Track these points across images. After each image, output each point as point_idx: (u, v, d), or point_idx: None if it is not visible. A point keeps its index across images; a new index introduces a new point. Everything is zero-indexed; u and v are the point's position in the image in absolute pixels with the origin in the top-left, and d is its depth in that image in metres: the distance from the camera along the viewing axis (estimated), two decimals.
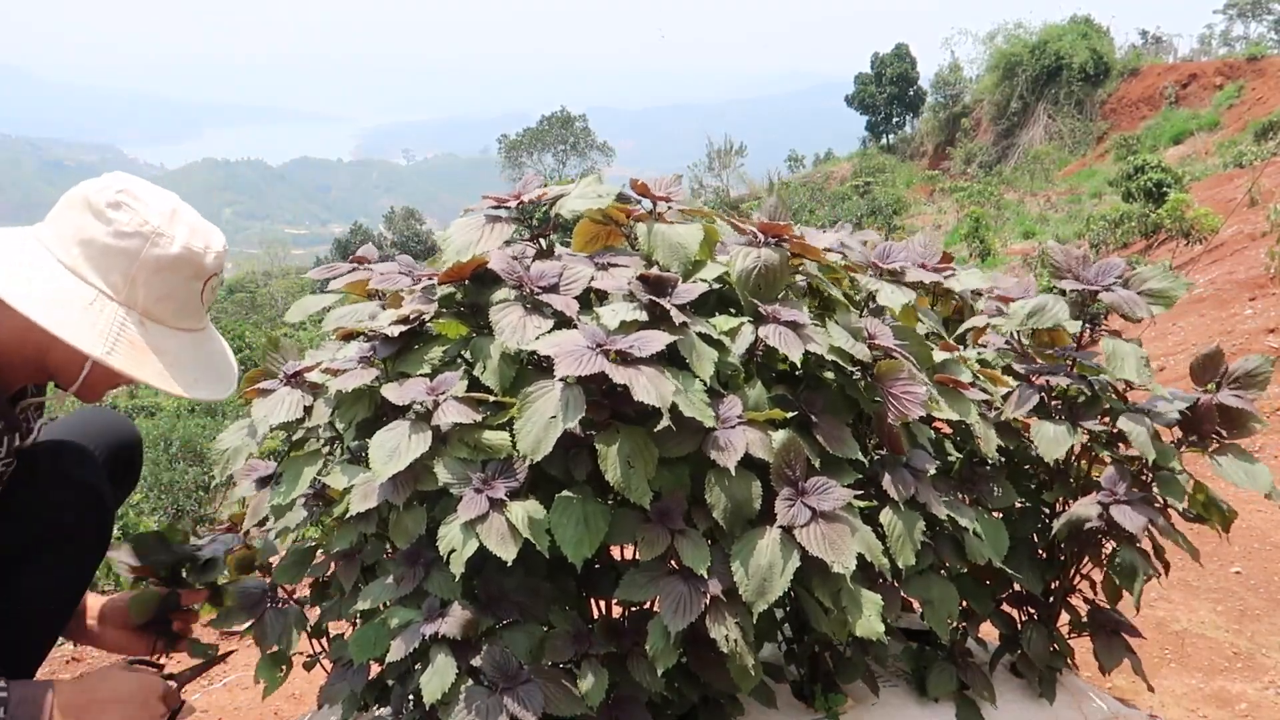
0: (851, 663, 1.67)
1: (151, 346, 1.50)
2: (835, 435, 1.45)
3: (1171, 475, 1.67)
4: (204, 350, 1.60)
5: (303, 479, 1.52)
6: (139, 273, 1.48)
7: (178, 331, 1.55)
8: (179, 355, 1.53)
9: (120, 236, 1.48)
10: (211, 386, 1.58)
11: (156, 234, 1.48)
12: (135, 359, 1.47)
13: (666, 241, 1.47)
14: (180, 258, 1.50)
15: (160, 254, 1.48)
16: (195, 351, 1.57)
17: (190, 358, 1.55)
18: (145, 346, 1.49)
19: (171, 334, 1.54)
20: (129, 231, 1.47)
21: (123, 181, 1.53)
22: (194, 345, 1.58)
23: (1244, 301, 7.27)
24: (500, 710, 1.27)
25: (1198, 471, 1.75)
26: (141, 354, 1.48)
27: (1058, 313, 1.64)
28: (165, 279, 1.50)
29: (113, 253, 1.48)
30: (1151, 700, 2.14)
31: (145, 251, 1.48)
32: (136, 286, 1.49)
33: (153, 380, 1.48)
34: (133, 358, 1.47)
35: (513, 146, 44.84)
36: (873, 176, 29.45)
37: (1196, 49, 34.95)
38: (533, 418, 1.28)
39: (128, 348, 1.47)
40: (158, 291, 1.50)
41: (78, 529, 1.72)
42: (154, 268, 1.49)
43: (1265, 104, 21.63)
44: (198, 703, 2.18)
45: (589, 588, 1.50)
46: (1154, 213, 12.76)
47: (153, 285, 1.49)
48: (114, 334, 1.46)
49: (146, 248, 1.48)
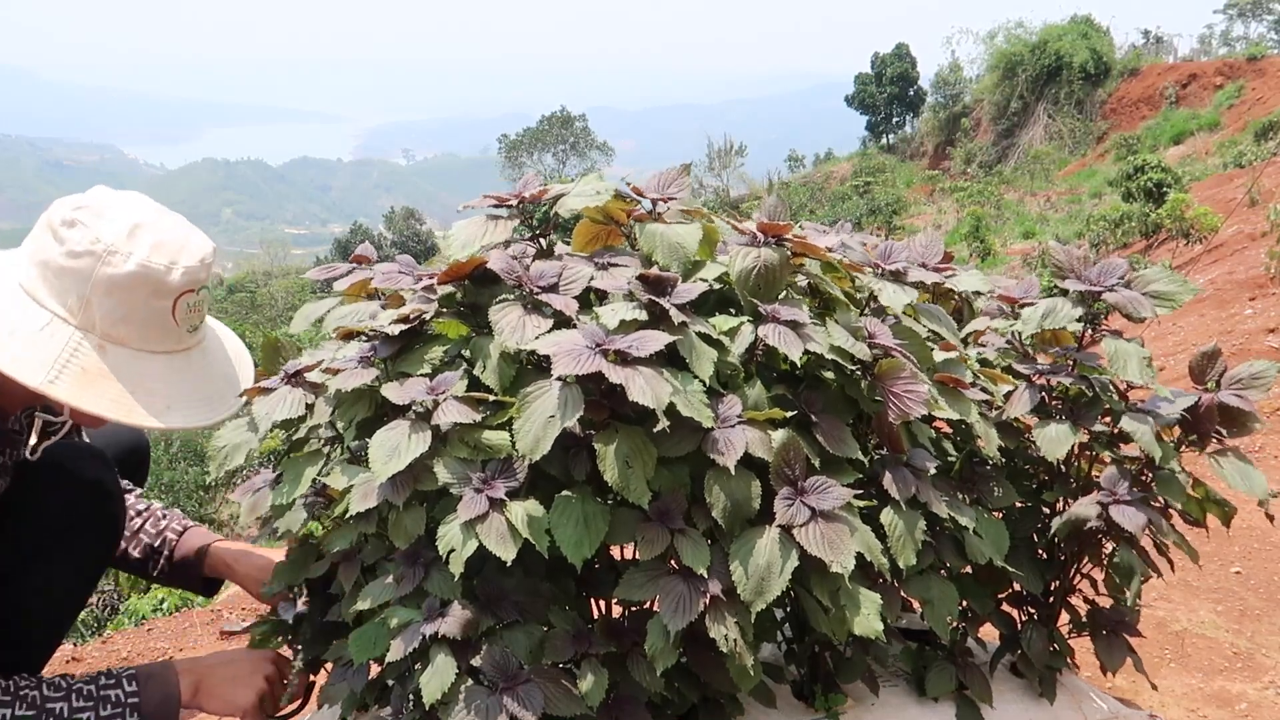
0: (851, 662, 1.67)
1: (113, 372, 1.41)
2: (835, 434, 1.45)
3: (1171, 475, 1.67)
4: (189, 372, 1.52)
5: (303, 479, 1.52)
6: (92, 294, 1.40)
7: (150, 354, 1.46)
8: (150, 381, 1.45)
9: (72, 256, 1.40)
10: (194, 412, 1.49)
11: (109, 252, 1.40)
12: (84, 387, 1.38)
13: (665, 241, 1.47)
14: (136, 275, 1.41)
15: (113, 273, 1.40)
16: (175, 375, 1.49)
17: (165, 383, 1.47)
18: (103, 372, 1.40)
19: (141, 357, 1.45)
20: (80, 250, 1.40)
21: (91, 198, 1.46)
22: (176, 368, 1.49)
23: (1244, 301, 7.27)
24: (500, 710, 1.27)
25: (1195, 471, 1.75)
26: (95, 380, 1.39)
27: (1068, 314, 1.64)
28: (122, 299, 1.42)
29: (66, 274, 1.40)
30: (1151, 700, 2.14)
31: (97, 271, 1.40)
32: (91, 309, 1.41)
33: (106, 412, 1.39)
34: (81, 386, 1.38)
35: (513, 146, 44.87)
36: (873, 176, 29.45)
37: (1196, 49, 34.97)
38: (531, 417, 1.28)
39: (77, 375, 1.38)
40: (116, 313, 1.42)
41: (90, 527, 1.72)
42: (107, 288, 1.40)
43: (1265, 104, 21.63)
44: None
45: (589, 587, 1.50)
46: (1154, 213, 12.77)
47: (108, 306, 1.41)
48: (62, 361, 1.38)
49: (99, 267, 1.40)
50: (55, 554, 1.67)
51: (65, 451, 1.68)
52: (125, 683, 1.53)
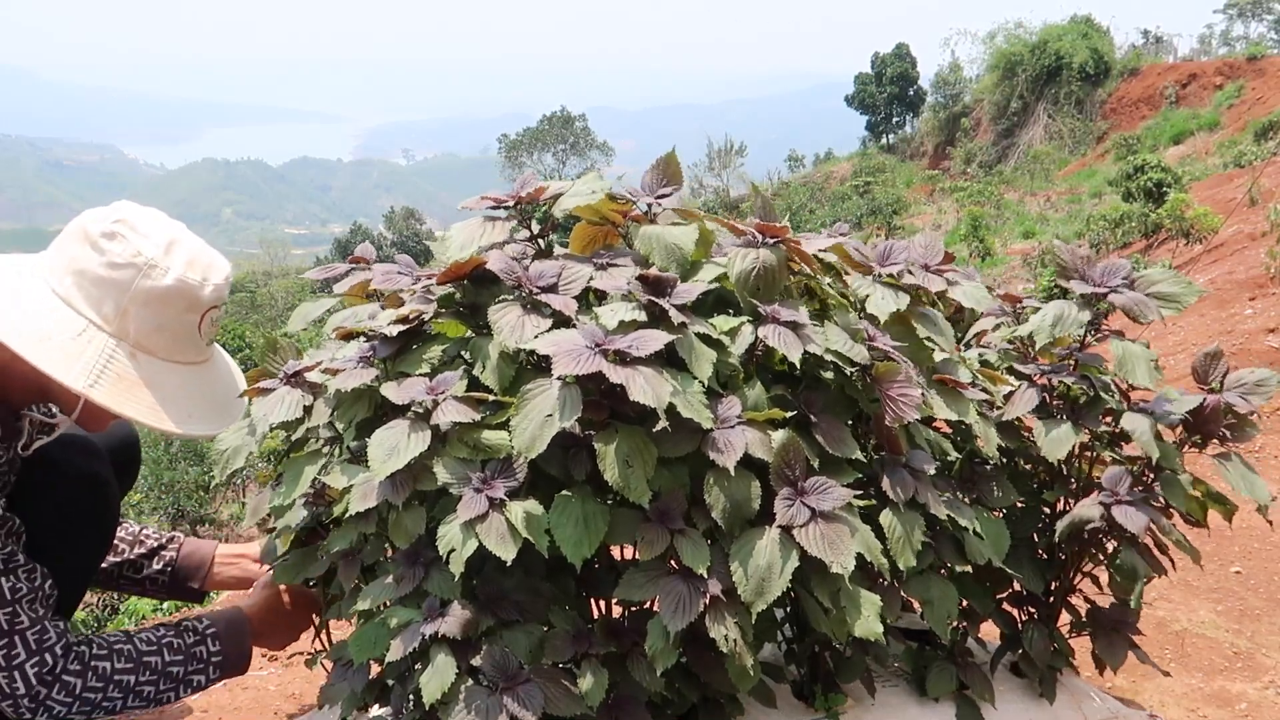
0: (851, 663, 1.67)
1: (143, 380, 1.47)
2: (835, 435, 1.45)
3: (1173, 476, 1.67)
4: (204, 382, 1.58)
5: (303, 479, 1.52)
6: (130, 305, 1.46)
7: (174, 365, 1.52)
8: (173, 389, 1.51)
9: (113, 268, 1.45)
10: (208, 422, 1.56)
11: (150, 265, 1.46)
12: (122, 393, 1.44)
13: (662, 242, 1.47)
14: (173, 290, 1.47)
15: (152, 285, 1.46)
16: (193, 385, 1.55)
17: (186, 392, 1.53)
18: (136, 380, 1.46)
19: (167, 367, 1.51)
20: (122, 263, 1.45)
21: (124, 212, 1.51)
22: (193, 378, 1.55)
23: (1244, 301, 7.26)
24: (500, 710, 1.27)
25: (1196, 470, 1.75)
26: (130, 388, 1.46)
27: (1078, 319, 1.63)
28: (158, 311, 1.48)
29: (105, 284, 1.45)
30: (1151, 700, 2.14)
31: (137, 283, 1.46)
32: (128, 319, 1.46)
33: (141, 417, 1.46)
34: (119, 392, 1.44)
35: (513, 146, 44.86)
36: (873, 176, 29.45)
37: (1196, 49, 34.95)
38: (529, 415, 1.28)
39: (114, 381, 1.44)
40: (150, 324, 1.48)
41: (89, 521, 1.73)
42: (145, 299, 1.46)
43: (1265, 104, 21.63)
44: (196, 703, 2.17)
45: (589, 588, 1.50)
46: (1154, 213, 12.76)
47: (144, 317, 1.47)
48: (100, 367, 1.44)
49: (139, 279, 1.46)
50: (55, 549, 1.68)
51: (61, 446, 1.69)
52: (210, 642, 1.69)
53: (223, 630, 1.70)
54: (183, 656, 1.63)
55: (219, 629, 1.70)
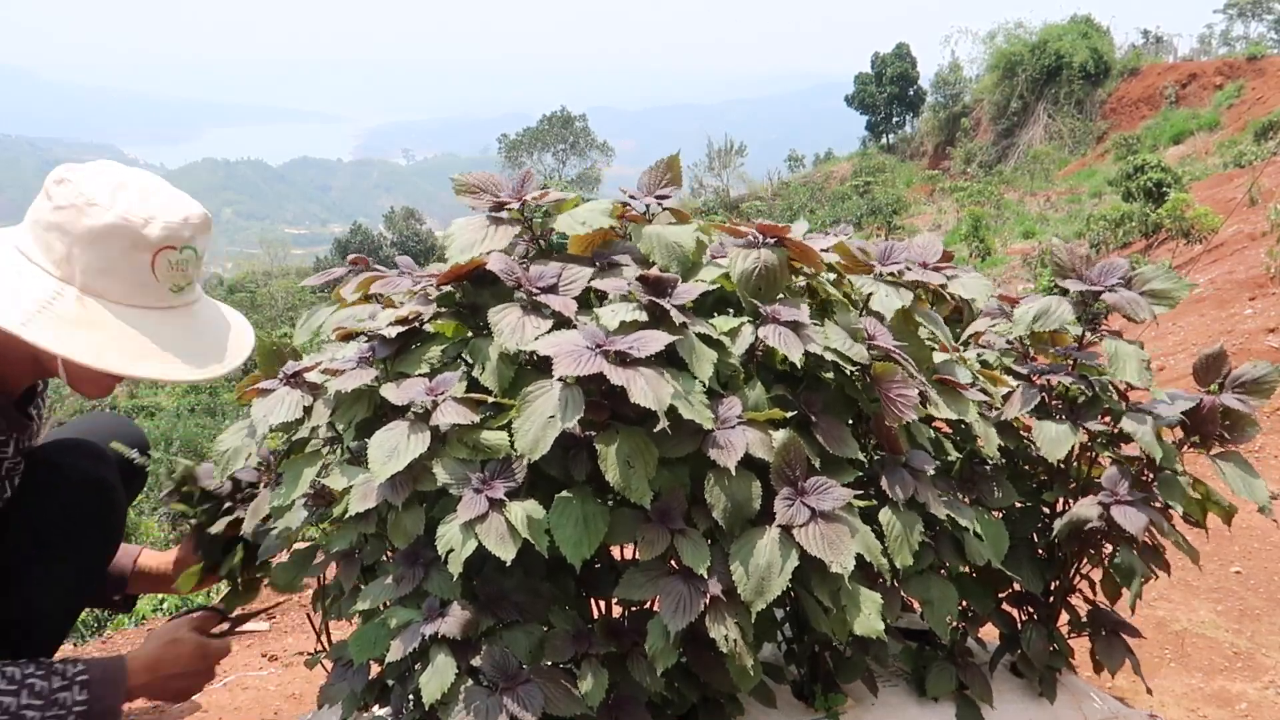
0: (851, 662, 1.67)
1: (90, 322, 1.44)
2: (835, 435, 1.45)
3: (1172, 476, 1.67)
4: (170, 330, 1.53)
5: (303, 479, 1.52)
6: (74, 246, 1.45)
7: (128, 308, 1.49)
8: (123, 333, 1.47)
9: (58, 210, 1.46)
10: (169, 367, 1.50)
11: (90, 204, 1.45)
12: (60, 333, 1.42)
13: (663, 242, 1.47)
14: (113, 227, 1.45)
15: (91, 224, 1.45)
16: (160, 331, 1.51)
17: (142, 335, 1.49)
18: (81, 320, 1.44)
19: (121, 310, 1.48)
20: (64, 204, 1.46)
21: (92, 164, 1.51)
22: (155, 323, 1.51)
23: (1244, 301, 7.26)
24: (500, 710, 1.27)
25: (1195, 471, 1.75)
26: (70, 327, 1.43)
27: (1062, 314, 1.63)
28: (100, 251, 1.45)
29: (53, 228, 1.46)
30: (1151, 700, 2.14)
31: (78, 222, 1.45)
32: (73, 261, 1.45)
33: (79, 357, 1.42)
34: (56, 332, 1.42)
35: (513, 146, 44.87)
36: (873, 176, 29.45)
37: (1196, 49, 34.94)
38: (531, 417, 1.28)
39: (53, 320, 1.42)
40: (95, 265, 1.46)
41: (94, 524, 1.73)
42: (88, 239, 1.45)
43: (1265, 104, 21.62)
44: (196, 703, 2.17)
45: (589, 588, 1.50)
46: (1154, 213, 12.76)
47: (89, 258, 1.45)
48: (38, 307, 1.42)
49: (79, 219, 1.45)
50: (60, 549, 1.68)
51: (69, 451, 1.69)
52: (77, 690, 1.57)
53: (95, 678, 1.60)
54: (41, 702, 1.53)
55: (91, 676, 1.60)
